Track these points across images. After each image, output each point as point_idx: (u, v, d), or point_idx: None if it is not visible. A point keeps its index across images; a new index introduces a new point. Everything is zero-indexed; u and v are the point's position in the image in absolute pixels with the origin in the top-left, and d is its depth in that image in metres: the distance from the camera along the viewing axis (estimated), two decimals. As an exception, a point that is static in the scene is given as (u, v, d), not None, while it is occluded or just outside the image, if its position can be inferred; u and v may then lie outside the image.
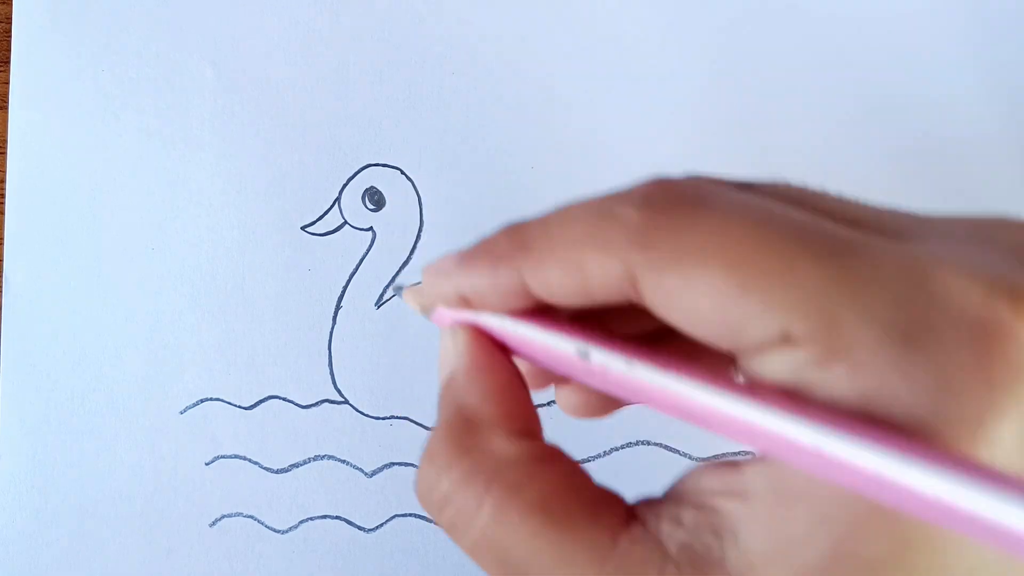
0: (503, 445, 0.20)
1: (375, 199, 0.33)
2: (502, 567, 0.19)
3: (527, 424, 0.21)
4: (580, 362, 0.20)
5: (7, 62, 0.32)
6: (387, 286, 0.33)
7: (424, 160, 0.33)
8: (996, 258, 0.17)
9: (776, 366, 0.17)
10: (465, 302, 0.22)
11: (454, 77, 0.33)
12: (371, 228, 0.33)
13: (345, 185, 0.33)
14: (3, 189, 0.33)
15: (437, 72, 0.33)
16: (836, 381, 0.16)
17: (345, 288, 0.33)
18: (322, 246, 0.33)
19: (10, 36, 0.32)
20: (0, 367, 0.32)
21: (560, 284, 0.20)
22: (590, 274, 0.19)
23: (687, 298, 0.18)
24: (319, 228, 0.33)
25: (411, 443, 0.33)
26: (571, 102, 0.33)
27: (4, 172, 0.32)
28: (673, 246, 0.18)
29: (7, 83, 0.32)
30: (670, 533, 0.19)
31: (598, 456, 0.33)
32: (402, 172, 0.33)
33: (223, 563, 0.32)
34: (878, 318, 0.16)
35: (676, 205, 0.19)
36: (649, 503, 0.20)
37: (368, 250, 0.33)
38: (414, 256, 0.33)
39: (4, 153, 0.32)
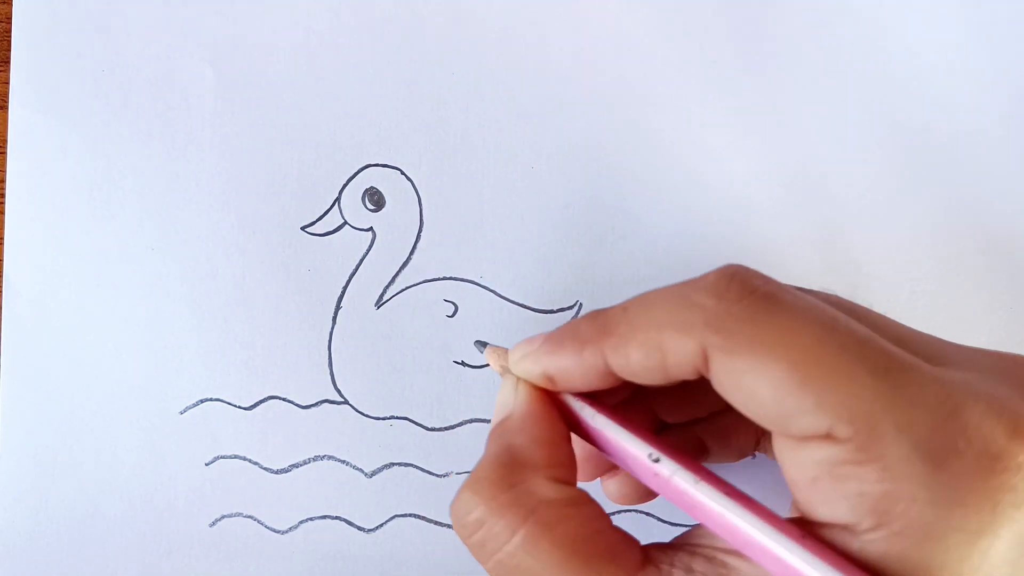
0: (544, 486, 0.23)
1: (375, 199, 0.33)
2: None
3: (566, 472, 0.24)
4: (649, 464, 0.23)
5: (7, 62, 0.32)
6: (387, 286, 0.33)
7: (424, 160, 0.33)
8: (1020, 396, 0.20)
9: (815, 455, 0.20)
10: (549, 380, 0.24)
11: (454, 77, 0.33)
12: (371, 228, 0.33)
13: (345, 185, 0.33)
14: (3, 189, 0.33)
15: (437, 72, 0.33)
16: (866, 478, 0.19)
17: (345, 288, 0.33)
18: (322, 246, 0.33)
19: (10, 36, 0.32)
20: (0, 367, 0.32)
21: (641, 363, 0.22)
22: (668, 352, 0.21)
23: (749, 382, 0.20)
24: (319, 228, 0.33)
25: (411, 443, 0.33)
26: (571, 102, 0.33)
27: (4, 172, 0.32)
28: (746, 334, 0.20)
29: (7, 83, 0.32)
30: None
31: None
32: (402, 172, 0.33)
33: (223, 563, 0.32)
34: (913, 436, 0.19)
35: (749, 296, 0.21)
36: (662, 548, 0.23)
37: (368, 250, 0.33)
38: (414, 256, 0.33)
39: (4, 153, 0.32)
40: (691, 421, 0.28)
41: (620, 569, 0.22)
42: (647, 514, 0.33)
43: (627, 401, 0.28)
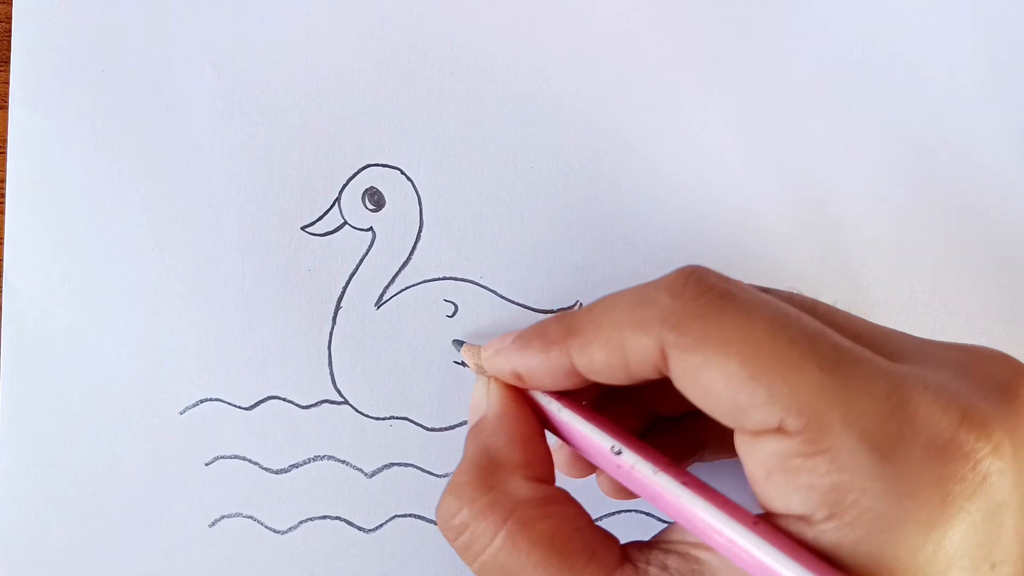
0: (521, 487, 0.23)
1: (375, 199, 0.33)
2: None
3: (543, 470, 0.24)
4: (612, 456, 0.23)
5: (7, 62, 0.33)
6: (387, 286, 0.33)
7: (424, 160, 0.33)
8: (974, 389, 0.20)
9: (769, 448, 0.20)
10: (518, 378, 0.25)
11: (454, 77, 0.33)
12: (371, 228, 0.33)
13: (345, 185, 0.33)
14: (3, 189, 0.33)
15: (437, 72, 0.33)
16: (816, 470, 0.19)
17: (345, 288, 0.33)
18: (322, 246, 0.33)
19: (10, 36, 0.32)
20: (0, 367, 0.32)
21: (604, 362, 0.23)
22: (629, 351, 0.22)
23: (705, 377, 0.20)
24: (319, 228, 0.33)
25: (411, 443, 0.33)
26: (571, 102, 0.33)
27: (4, 172, 0.32)
28: (700, 331, 0.21)
29: (7, 83, 0.32)
30: (657, 575, 0.22)
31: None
32: (402, 172, 0.33)
33: (223, 563, 0.32)
34: (860, 427, 0.19)
35: (705, 294, 0.21)
36: (639, 547, 0.23)
37: (368, 250, 0.33)
38: (414, 256, 0.33)
39: (4, 153, 0.32)
40: (685, 415, 0.28)
41: (599, 566, 0.22)
42: (646, 513, 0.33)
43: (620, 396, 0.28)
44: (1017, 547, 0.20)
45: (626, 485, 0.23)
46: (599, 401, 0.28)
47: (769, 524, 0.20)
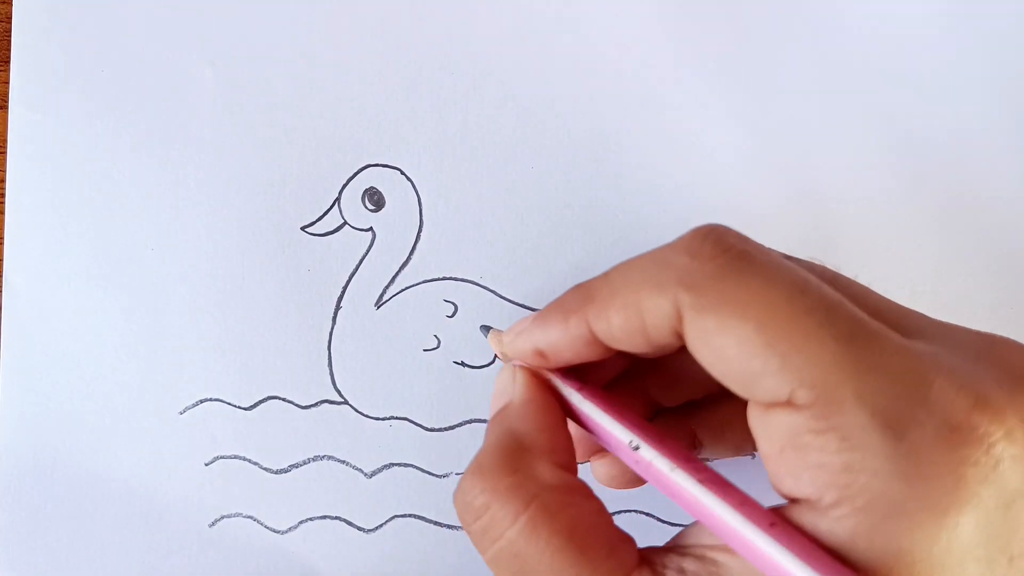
0: (548, 471, 0.22)
1: (375, 199, 0.33)
2: None
3: (567, 459, 0.24)
4: (630, 451, 0.23)
5: (7, 62, 0.33)
6: (387, 286, 0.33)
7: (424, 160, 0.33)
8: (989, 374, 0.20)
9: (780, 423, 0.20)
10: (541, 356, 0.25)
11: (454, 77, 0.33)
12: (371, 228, 0.33)
13: (345, 185, 0.33)
14: (3, 189, 0.33)
15: (437, 72, 0.33)
16: (826, 448, 0.19)
17: (345, 288, 0.33)
18: (322, 246, 0.33)
19: (10, 36, 0.32)
20: (0, 367, 0.32)
21: (621, 326, 0.22)
22: (646, 313, 0.21)
23: (718, 341, 0.20)
24: (319, 228, 0.33)
25: (411, 444, 0.33)
26: (571, 102, 0.33)
27: (4, 172, 0.32)
28: (716, 293, 0.20)
29: (7, 83, 0.32)
30: None
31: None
32: (402, 172, 0.33)
33: (223, 563, 0.32)
34: (873, 404, 0.19)
35: (723, 254, 0.21)
36: (656, 551, 0.22)
37: (368, 250, 0.33)
38: (414, 256, 0.33)
39: (4, 153, 0.32)
40: (687, 405, 0.28)
41: (617, 564, 0.21)
42: (647, 514, 0.33)
43: (622, 383, 0.28)
44: None
45: (645, 478, 0.23)
46: (606, 387, 0.28)
47: (787, 525, 0.20)
